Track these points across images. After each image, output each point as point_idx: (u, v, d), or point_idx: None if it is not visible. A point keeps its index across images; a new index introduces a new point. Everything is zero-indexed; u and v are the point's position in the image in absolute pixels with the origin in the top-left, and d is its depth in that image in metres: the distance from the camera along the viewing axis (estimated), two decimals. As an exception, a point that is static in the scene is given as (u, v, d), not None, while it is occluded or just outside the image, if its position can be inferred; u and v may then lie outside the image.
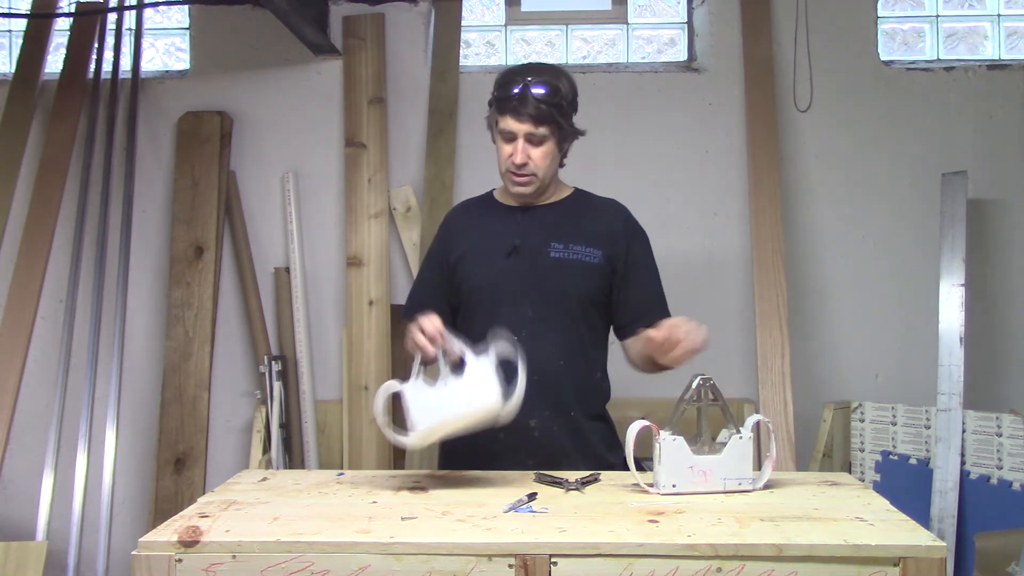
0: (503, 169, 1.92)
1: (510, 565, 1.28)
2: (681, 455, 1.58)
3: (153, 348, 3.05)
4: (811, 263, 3.04)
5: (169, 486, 2.87)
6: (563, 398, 1.91)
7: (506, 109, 1.86)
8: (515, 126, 1.86)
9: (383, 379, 2.86)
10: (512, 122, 1.86)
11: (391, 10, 3.09)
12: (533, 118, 1.86)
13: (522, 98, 1.84)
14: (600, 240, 1.96)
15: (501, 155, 1.91)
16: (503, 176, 1.94)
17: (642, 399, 2.88)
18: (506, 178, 1.93)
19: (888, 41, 3.17)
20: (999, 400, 2.91)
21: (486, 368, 1.58)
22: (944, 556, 1.27)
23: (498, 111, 1.88)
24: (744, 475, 1.59)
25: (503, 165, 1.91)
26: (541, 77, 1.87)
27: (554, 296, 1.91)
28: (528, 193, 1.94)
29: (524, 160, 1.88)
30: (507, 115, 1.86)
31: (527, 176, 1.90)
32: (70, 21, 3.05)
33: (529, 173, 1.89)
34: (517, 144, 1.87)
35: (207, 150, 3.02)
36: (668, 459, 1.57)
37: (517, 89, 1.84)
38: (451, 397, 1.58)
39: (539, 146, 1.88)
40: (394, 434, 1.60)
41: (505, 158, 1.89)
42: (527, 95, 1.85)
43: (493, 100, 1.90)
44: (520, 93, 1.84)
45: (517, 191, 1.93)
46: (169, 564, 1.30)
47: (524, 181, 1.91)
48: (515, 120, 1.86)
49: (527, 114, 1.85)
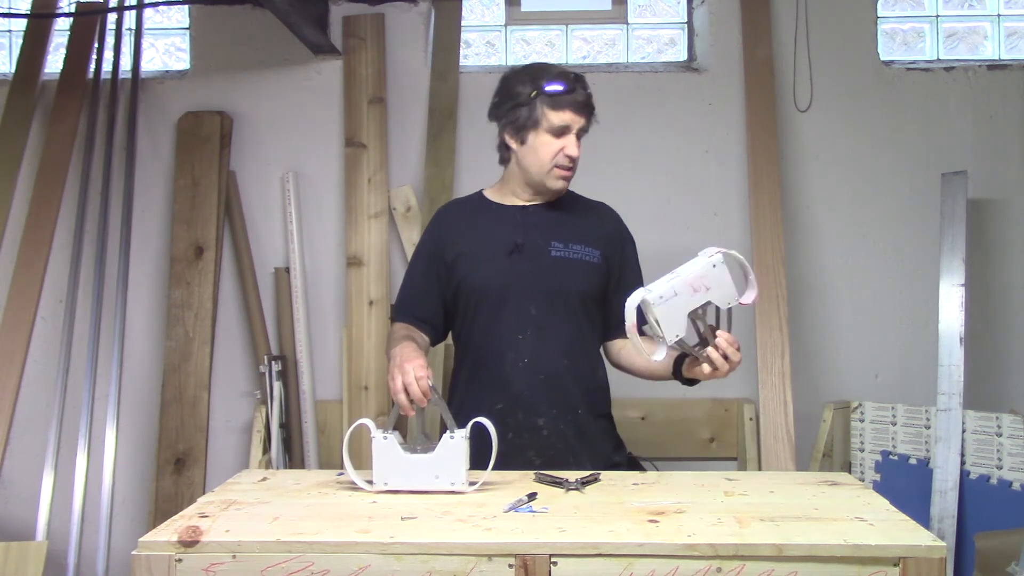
0: (548, 165, 1.90)
1: (510, 565, 1.28)
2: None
3: (153, 348, 3.05)
4: (811, 263, 3.05)
5: (169, 486, 2.87)
6: (569, 397, 1.92)
7: (564, 104, 1.86)
8: (573, 119, 1.88)
9: (383, 379, 2.86)
10: (571, 115, 1.87)
11: (391, 10, 3.09)
12: (589, 112, 1.89)
13: (580, 94, 1.87)
14: (598, 240, 1.97)
15: (547, 149, 1.89)
16: (544, 173, 1.92)
17: (643, 399, 2.89)
18: (550, 174, 1.91)
19: (888, 41, 3.17)
20: (999, 400, 2.92)
21: (459, 449, 1.60)
22: (944, 556, 1.28)
23: (551, 106, 1.87)
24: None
25: (549, 160, 1.90)
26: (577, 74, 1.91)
27: (557, 295, 1.91)
28: (567, 187, 1.96)
29: (579, 152, 1.90)
30: (566, 109, 1.86)
31: (572, 170, 1.93)
32: (70, 21, 3.05)
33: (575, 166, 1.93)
34: (571, 137, 1.89)
35: (207, 150, 3.02)
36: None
37: (567, 84, 1.86)
38: (419, 467, 1.60)
39: (579, 140, 1.92)
40: (358, 477, 1.63)
41: (554, 152, 1.89)
42: (579, 89, 1.88)
43: (539, 96, 1.87)
44: (574, 88, 1.87)
45: (560, 186, 1.94)
46: (169, 564, 1.30)
47: (570, 176, 1.94)
48: (575, 113, 1.87)
49: (586, 107, 1.88)
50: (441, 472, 1.59)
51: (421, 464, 1.60)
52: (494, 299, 1.92)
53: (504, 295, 1.91)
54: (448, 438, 1.60)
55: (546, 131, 1.88)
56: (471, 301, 1.95)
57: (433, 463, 1.60)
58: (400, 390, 1.64)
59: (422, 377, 1.64)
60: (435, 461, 1.60)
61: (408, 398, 1.64)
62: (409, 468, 1.60)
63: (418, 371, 1.64)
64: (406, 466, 1.60)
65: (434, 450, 1.60)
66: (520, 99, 1.89)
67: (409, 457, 1.61)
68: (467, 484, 1.60)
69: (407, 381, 1.64)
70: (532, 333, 1.90)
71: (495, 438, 1.60)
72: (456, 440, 1.60)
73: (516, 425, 1.88)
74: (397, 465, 1.60)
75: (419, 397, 1.64)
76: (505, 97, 1.93)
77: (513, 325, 1.90)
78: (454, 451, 1.59)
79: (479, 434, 1.61)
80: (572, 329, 1.93)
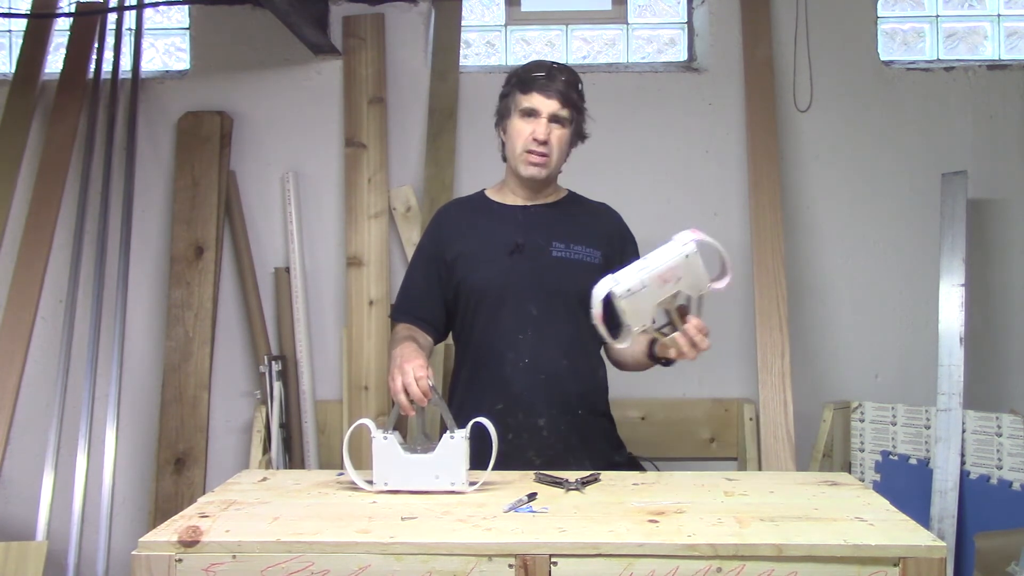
0: (519, 150, 1.89)
1: (510, 565, 1.28)
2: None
3: (153, 348, 3.04)
4: (811, 263, 3.04)
5: (169, 486, 2.87)
6: (569, 397, 1.92)
7: (532, 87, 1.86)
8: (541, 103, 1.86)
9: (383, 379, 2.86)
10: (539, 98, 1.86)
11: (391, 10, 3.09)
12: (561, 96, 1.87)
13: (551, 78, 1.86)
14: (599, 241, 1.97)
15: (519, 134, 1.88)
16: (516, 159, 1.90)
17: (643, 399, 2.89)
18: (520, 159, 1.90)
19: (888, 41, 3.17)
20: (999, 400, 2.91)
21: (459, 449, 1.60)
22: (944, 556, 1.27)
23: (521, 90, 1.87)
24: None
25: (520, 145, 1.88)
26: (563, 67, 1.90)
27: (557, 295, 1.91)
28: (540, 177, 1.92)
29: (547, 136, 1.86)
30: (533, 92, 1.86)
31: (544, 156, 1.88)
32: (70, 21, 3.05)
33: (547, 153, 1.88)
34: (540, 120, 1.87)
35: (207, 150, 3.02)
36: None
37: (544, 71, 1.86)
38: (419, 467, 1.60)
39: (559, 129, 1.89)
40: (358, 477, 1.63)
41: (525, 136, 1.88)
42: (555, 75, 1.87)
43: (515, 82, 1.89)
44: (548, 74, 1.86)
45: (531, 172, 1.90)
46: (169, 564, 1.30)
47: (541, 161, 1.89)
48: (542, 96, 1.86)
49: (556, 91, 1.86)
50: (441, 472, 1.59)
51: (421, 464, 1.60)
52: (494, 299, 1.92)
53: (504, 295, 1.92)
54: (448, 438, 1.60)
55: (517, 116, 1.89)
56: (471, 301, 1.95)
57: (433, 463, 1.60)
58: (400, 390, 1.64)
59: (422, 377, 1.64)
60: (435, 461, 1.60)
61: (408, 398, 1.64)
62: (409, 468, 1.60)
63: (418, 371, 1.64)
64: (406, 466, 1.60)
65: (434, 450, 1.60)
66: (504, 90, 1.94)
67: (409, 457, 1.61)
68: (467, 484, 1.60)
69: (407, 381, 1.64)
70: (532, 333, 1.90)
71: (495, 438, 1.61)
72: (456, 440, 1.60)
73: (516, 425, 1.88)
74: (397, 465, 1.60)
75: (419, 397, 1.64)
76: (500, 95, 1.96)
77: (513, 325, 1.91)
78: (454, 451, 1.59)
79: (479, 434, 1.61)
80: (572, 329, 1.93)
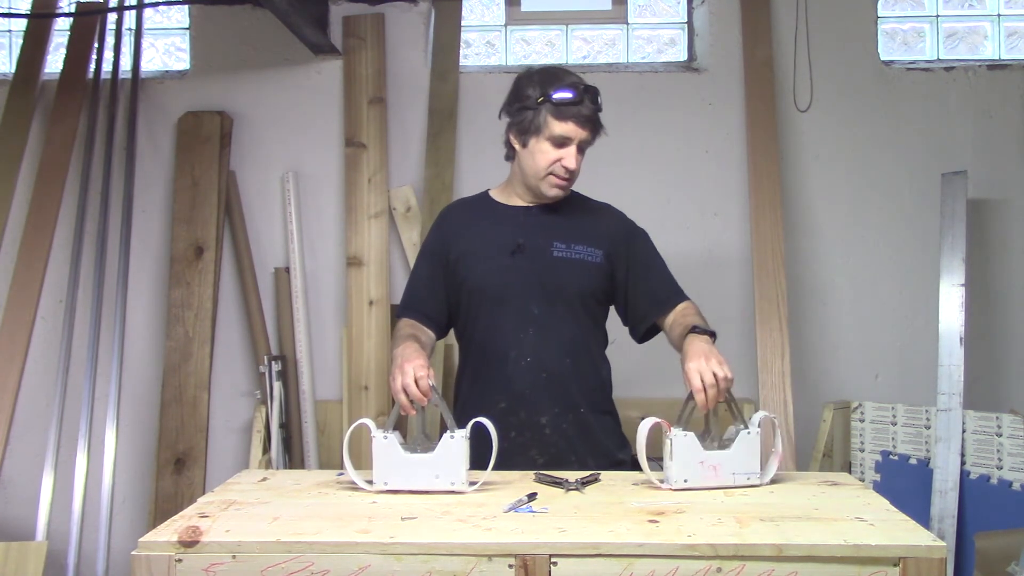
0: (544, 172, 1.89)
1: (510, 565, 1.28)
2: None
3: (153, 348, 3.04)
4: (811, 263, 3.04)
5: (169, 486, 2.87)
6: (571, 396, 1.92)
7: (568, 115, 1.84)
8: (575, 132, 1.86)
9: (383, 379, 2.86)
10: (574, 127, 1.85)
11: (391, 10, 3.09)
12: (593, 125, 1.87)
13: (583, 104, 1.84)
14: (601, 240, 1.97)
15: (544, 157, 1.88)
16: (539, 179, 1.91)
17: (642, 399, 2.88)
18: (545, 181, 1.91)
19: (888, 41, 3.17)
20: (999, 400, 2.92)
21: (459, 449, 1.60)
22: (944, 556, 1.27)
23: (555, 115, 1.84)
24: (752, 470, 1.62)
25: (545, 168, 1.89)
26: (589, 86, 1.87)
27: (559, 295, 1.92)
28: (564, 196, 1.95)
29: (577, 165, 1.89)
30: (569, 120, 1.84)
31: (570, 180, 1.92)
32: (70, 21, 3.05)
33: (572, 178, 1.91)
34: (571, 149, 1.87)
35: (207, 150, 3.02)
36: (679, 455, 1.60)
37: (575, 95, 1.83)
38: (420, 467, 1.60)
39: (582, 152, 1.90)
40: (358, 477, 1.62)
41: (551, 161, 1.88)
42: (586, 101, 1.85)
43: (545, 103, 1.85)
44: (581, 100, 1.84)
45: (555, 194, 1.93)
46: (169, 564, 1.30)
47: (567, 185, 1.92)
48: (577, 126, 1.85)
49: (589, 120, 1.85)
50: (441, 472, 1.59)
51: (421, 464, 1.60)
52: (496, 298, 1.93)
53: (506, 295, 1.92)
54: (448, 438, 1.60)
55: (547, 139, 1.87)
56: (473, 300, 1.95)
57: (433, 463, 1.59)
58: (400, 390, 1.64)
59: (422, 377, 1.64)
60: (435, 461, 1.59)
61: (408, 398, 1.64)
62: (409, 468, 1.60)
63: (418, 371, 1.64)
64: (406, 466, 1.60)
65: (434, 450, 1.60)
66: (527, 102, 1.87)
67: (409, 457, 1.60)
68: (467, 484, 1.59)
69: (407, 381, 1.64)
70: (534, 332, 1.90)
71: (495, 438, 1.60)
72: (456, 440, 1.59)
73: (519, 424, 1.89)
74: (397, 465, 1.60)
75: (419, 397, 1.63)
76: (515, 97, 1.92)
77: (515, 324, 1.91)
78: (454, 451, 1.59)
79: (480, 434, 1.61)
80: (574, 328, 1.93)
